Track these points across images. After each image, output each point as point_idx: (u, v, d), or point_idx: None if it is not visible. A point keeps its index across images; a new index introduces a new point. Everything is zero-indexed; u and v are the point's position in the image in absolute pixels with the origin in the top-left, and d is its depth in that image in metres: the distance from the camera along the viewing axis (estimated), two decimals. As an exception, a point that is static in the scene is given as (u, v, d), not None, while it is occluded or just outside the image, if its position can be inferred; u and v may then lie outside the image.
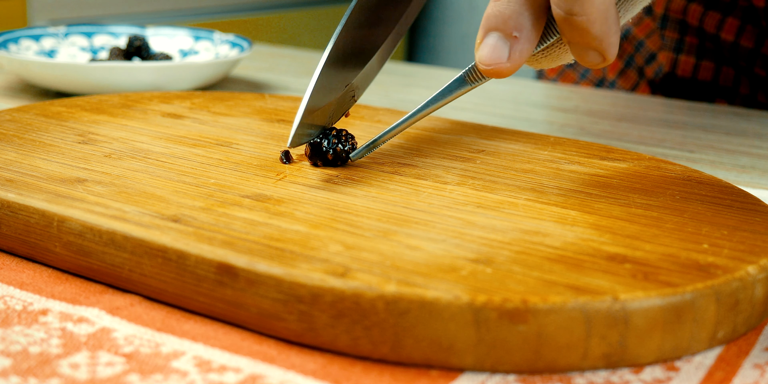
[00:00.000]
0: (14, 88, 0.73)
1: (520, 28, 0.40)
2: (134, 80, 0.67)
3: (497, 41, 0.40)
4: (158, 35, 0.81)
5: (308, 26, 2.14)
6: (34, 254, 0.40)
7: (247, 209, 0.39)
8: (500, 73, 0.41)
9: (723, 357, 0.34)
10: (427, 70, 0.91)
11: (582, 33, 0.39)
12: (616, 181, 0.44)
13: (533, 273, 0.33)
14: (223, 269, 0.34)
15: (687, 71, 0.79)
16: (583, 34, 0.39)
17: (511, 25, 0.40)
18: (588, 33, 0.39)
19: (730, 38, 0.75)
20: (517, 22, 0.40)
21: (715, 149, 0.62)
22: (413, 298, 0.32)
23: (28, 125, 0.51)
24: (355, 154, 0.45)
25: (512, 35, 0.40)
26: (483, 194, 0.42)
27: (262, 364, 0.32)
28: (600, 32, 0.39)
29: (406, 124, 0.44)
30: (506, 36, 0.40)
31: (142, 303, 0.36)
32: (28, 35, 0.77)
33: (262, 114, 0.56)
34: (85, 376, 0.31)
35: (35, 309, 0.36)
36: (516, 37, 0.40)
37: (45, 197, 0.40)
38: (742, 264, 0.35)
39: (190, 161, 0.46)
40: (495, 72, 0.41)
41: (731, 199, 0.42)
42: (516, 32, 0.40)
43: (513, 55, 0.40)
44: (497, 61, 0.40)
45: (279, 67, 0.88)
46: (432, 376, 0.32)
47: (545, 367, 0.32)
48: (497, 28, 0.40)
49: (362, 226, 0.38)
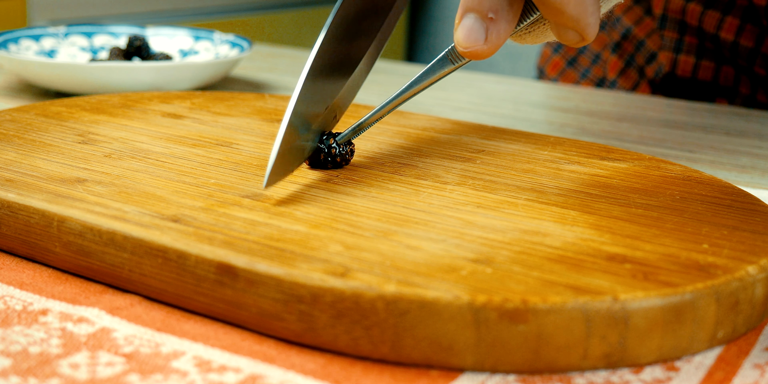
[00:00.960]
0: (14, 88, 0.73)
1: (496, 9, 0.39)
2: (134, 80, 0.67)
3: (474, 23, 0.39)
4: (158, 35, 0.81)
5: (308, 26, 2.14)
6: (34, 254, 0.40)
7: (247, 209, 0.39)
8: (478, 55, 0.40)
9: (723, 357, 0.34)
10: (427, 70, 0.91)
11: (557, 13, 0.38)
12: (616, 181, 0.44)
13: (533, 273, 0.33)
14: (223, 269, 0.34)
15: (687, 71, 0.79)
16: (557, 13, 0.38)
17: (486, 5, 0.39)
18: (563, 13, 0.38)
19: (729, 37, 0.75)
20: (492, 3, 0.39)
21: (715, 149, 0.62)
22: (413, 298, 0.32)
23: (28, 125, 0.51)
24: (341, 137, 0.45)
25: (488, 16, 0.39)
26: (483, 194, 0.42)
27: (262, 364, 0.32)
28: (575, 13, 0.38)
29: (392, 105, 0.44)
30: (482, 17, 0.39)
31: (142, 303, 0.36)
32: (28, 35, 0.77)
33: (262, 114, 0.56)
34: (85, 376, 0.31)
35: (35, 309, 0.36)
36: (492, 19, 0.39)
37: (45, 197, 0.40)
38: (742, 264, 0.35)
39: (190, 161, 0.46)
40: (473, 54, 0.40)
41: (731, 199, 0.42)
42: (491, 13, 0.39)
43: (490, 37, 0.40)
44: (474, 43, 0.40)
45: (279, 67, 0.88)
46: (432, 376, 0.32)
47: (545, 367, 0.32)
48: (473, 9, 0.40)
49: (362, 226, 0.38)
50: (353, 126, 0.45)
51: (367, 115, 0.45)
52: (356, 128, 0.45)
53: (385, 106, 0.44)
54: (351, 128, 0.45)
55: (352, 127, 0.45)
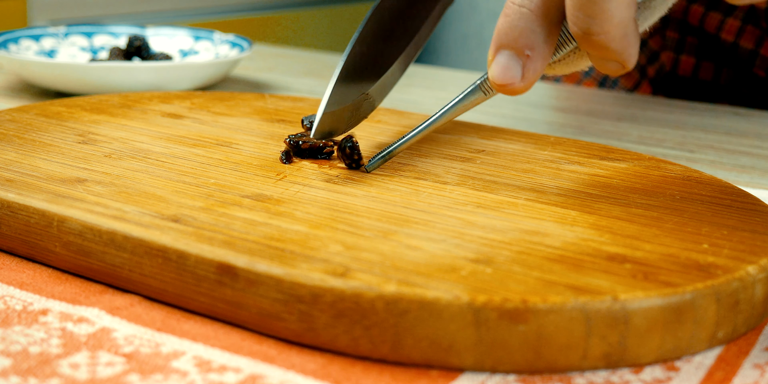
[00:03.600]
0: (14, 88, 0.73)
1: (533, 47, 0.38)
2: (134, 80, 0.67)
3: (509, 60, 0.39)
4: (158, 35, 0.81)
5: (308, 26, 2.14)
6: (34, 254, 0.40)
7: (247, 209, 0.39)
8: (514, 91, 0.39)
9: (723, 357, 0.34)
10: (427, 70, 0.91)
11: (601, 48, 0.37)
12: (616, 181, 0.44)
13: (533, 273, 0.33)
14: (223, 269, 0.34)
15: (687, 71, 0.79)
16: (602, 49, 0.37)
17: (522, 42, 0.38)
18: (608, 49, 0.37)
19: (730, 39, 0.75)
20: (528, 39, 0.38)
21: (715, 149, 0.62)
22: (413, 298, 0.32)
23: (28, 125, 0.51)
24: (371, 163, 0.45)
25: (524, 54, 0.38)
26: (483, 194, 0.42)
27: (262, 364, 0.32)
28: (619, 47, 0.37)
29: (423, 133, 0.44)
30: (518, 54, 0.38)
31: (142, 303, 0.36)
32: (28, 35, 0.77)
33: (262, 114, 0.56)
34: (85, 376, 0.31)
35: (35, 309, 0.36)
36: (529, 56, 0.38)
37: (45, 197, 0.40)
38: (742, 264, 0.35)
39: (190, 161, 0.46)
40: (508, 91, 0.39)
41: (731, 199, 0.42)
42: (528, 51, 0.38)
43: (526, 74, 0.39)
44: (510, 81, 0.39)
45: (279, 67, 0.88)
46: (432, 376, 0.32)
47: (545, 367, 0.32)
48: (509, 45, 0.38)
49: (362, 226, 0.38)
50: (383, 153, 0.45)
51: (398, 143, 0.45)
52: (385, 155, 0.45)
53: (416, 133, 0.44)
54: (380, 155, 0.45)
55: (381, 154, 0.45)
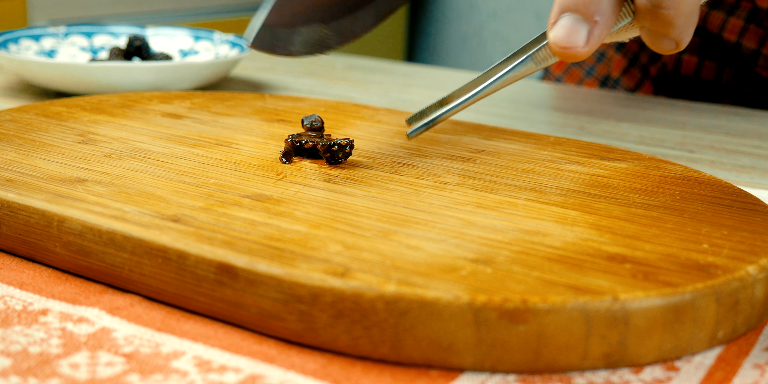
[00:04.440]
0: (14, 88, 0.73)
1: (602, 13, 0.38)
2: (134, 80, 0.67)
3: (576, 23, 0.38)
4: (158, 35, 0.81)
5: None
6: (34, 254, 0.40)
7: (247, 209, 0.39)
8: (575, 56, 0.39)
9: (723, 357, 0.34)
10: (426, 70, 0.91)
11: (665, 24, 0.37)
12: (616, 181, 0.44)
13: (533, 273, 0.33)
14: (223, 269, 0.34)
15: (690, 70, 0.79)
16: (665, 25, 0.37)
17: (593, 8, 0.38)
18: (671, 24, 0.37)
19: (732, 38, 0.75)
20: (599, 6, 0.38)
21: (715, 149, 0.62)
22: (413, 298, 0.32)
23: (28, 125, 0.51)
24: (413, 131, 0.44)
25: (593, 19, 0.38)
26: (483, 194, 0.42)
27: (262, 364, 0.32)
28: (683, 24, 0.37)
29: (467, 104, 0.43)
30: (586, 18, 0.38)
31: (142, 303, 0.36)
32: (28, 35, 0.77)
33: (262, 114, 0.56)
34: (85, 376, 0.31)
35: (35, 309, 0.36)
36: (596, 22, 0.38)
37: (45, 197, 0.40)
38: (742, 264, 0.35)
39: (190, 161, 0.46)
40: (569, 55, 0.39)
41: (731, 199, 0.42)
42: (597, 16, 0.38)
43: (591, 40, 0.38)
44: (574, 45, 0.38)
45: (279, 67, 0.88)
46: (432, 376, 0.32)
47: (545, 367, 0.32)
48: (577, 9, 0.38)
49: (362, 226, 0.38)
50: (426, 121, 0.44)
51: (441, 111, 0.43)
52: (429, 124, 0.44)
53: (460, 104, 0.43)
54: (424, 123, 0.44)
55: (424, 123, 0.44)
